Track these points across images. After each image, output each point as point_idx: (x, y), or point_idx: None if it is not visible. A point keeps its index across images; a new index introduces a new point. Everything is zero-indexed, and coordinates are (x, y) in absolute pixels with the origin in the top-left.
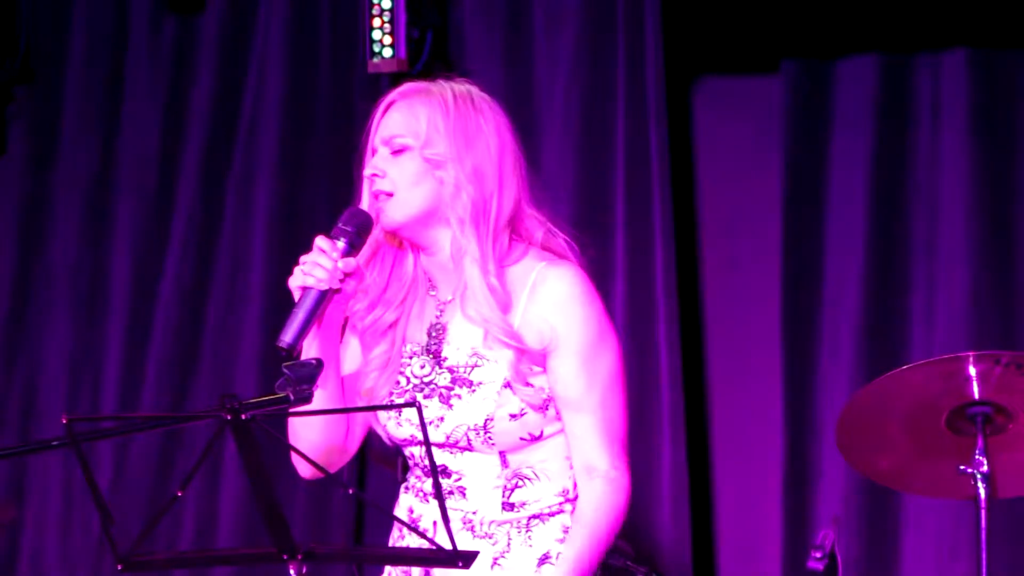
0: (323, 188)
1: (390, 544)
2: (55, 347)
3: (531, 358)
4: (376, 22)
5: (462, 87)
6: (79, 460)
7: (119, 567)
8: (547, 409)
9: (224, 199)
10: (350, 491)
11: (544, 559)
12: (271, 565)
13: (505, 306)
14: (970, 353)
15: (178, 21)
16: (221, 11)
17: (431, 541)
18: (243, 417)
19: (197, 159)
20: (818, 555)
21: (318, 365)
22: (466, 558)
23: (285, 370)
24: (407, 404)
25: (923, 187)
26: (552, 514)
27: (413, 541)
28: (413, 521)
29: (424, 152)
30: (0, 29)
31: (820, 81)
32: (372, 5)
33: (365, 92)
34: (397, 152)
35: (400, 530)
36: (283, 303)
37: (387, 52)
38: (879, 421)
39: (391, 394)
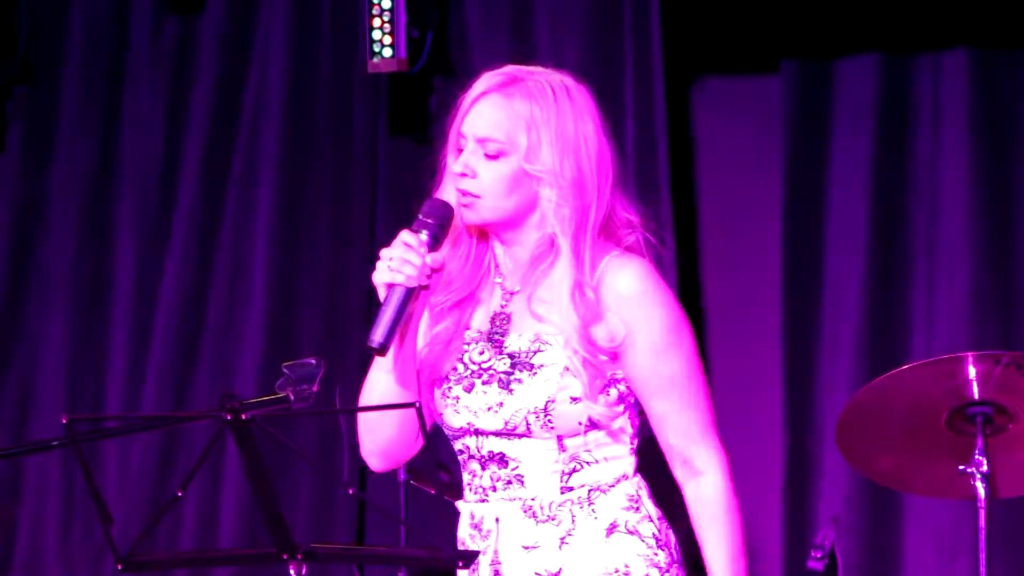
0: (324, 188)
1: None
2: (51, 347)
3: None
4: (376, 22)
5: (558, 79)
6: (79, 460)
7: (119, 567)
8: (607, 394)
9: (224, 199)
10: (350, 491)
11: (612, 528)
12: (271, 565)
13: (595, 316)
14: (970, 353)
15: (178, 21)
16: (221, 11)
17: (432, 542)
18: (243, 417)
19: (197, 159)
20: (818, 555)
21: (317, 365)
22: (467, 558)
23: (285, 370)
24: (406, 404)
25: (923, 187)
26: (612, 485)
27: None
28: (475, 525)
29: (524, 165)
30: None
31: (820, 81)
32: (372, 5)
33: (365, 92)
34: (492, 156)
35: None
36: (283, 303)
37: (387, 52)
38: (879, 421)
39: (448, 379)
